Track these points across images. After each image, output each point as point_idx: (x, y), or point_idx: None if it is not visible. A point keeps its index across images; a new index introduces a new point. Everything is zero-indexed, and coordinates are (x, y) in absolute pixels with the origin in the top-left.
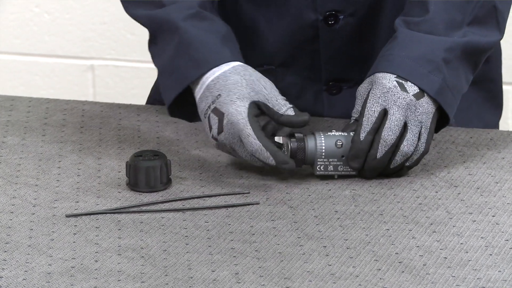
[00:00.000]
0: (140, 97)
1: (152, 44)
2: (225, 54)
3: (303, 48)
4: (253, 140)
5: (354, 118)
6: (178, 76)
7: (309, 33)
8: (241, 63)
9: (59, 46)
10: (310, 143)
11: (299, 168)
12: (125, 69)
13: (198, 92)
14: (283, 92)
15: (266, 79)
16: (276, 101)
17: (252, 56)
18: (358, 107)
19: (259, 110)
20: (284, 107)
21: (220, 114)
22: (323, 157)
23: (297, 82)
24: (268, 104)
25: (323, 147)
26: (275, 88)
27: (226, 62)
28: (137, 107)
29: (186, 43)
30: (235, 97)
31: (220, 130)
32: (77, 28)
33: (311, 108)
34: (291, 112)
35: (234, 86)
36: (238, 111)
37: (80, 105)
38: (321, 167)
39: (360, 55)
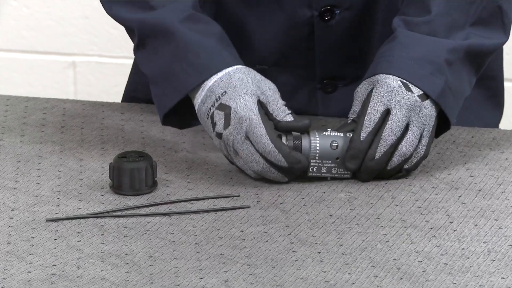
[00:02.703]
0: None
1: (140, 48)
2: (225, 58)
3: (297, 46)
4: (266, 141)
5: (352, 119)
6: (176, 83)
7: (304, 31)
8: (243, 66)
9: (39, 41)
10: (304, 142)
11: None
12: (108, 65)
13: (199, 96)
14: None
15: (270, 82)
16: (276, 106)
17: (242, 56)
18: (356, 108)
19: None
20: (282, 113)
21: (226, 108)
22: (316, 158)
23: (291, 81)
24: (268, 108)
25: (317, 148)
26: (277, 91)
27: (227, 67)
28: (121, 106)
29: (184, 47)
30: (243, 92)
31: (227, 124)
32: (57, 22)
33: (305, 108)
34: (289, 118)
35: (240, 82)
36: (248, 106)
37: (60, 104)
38: (314, 169)
39: (356, 51)
